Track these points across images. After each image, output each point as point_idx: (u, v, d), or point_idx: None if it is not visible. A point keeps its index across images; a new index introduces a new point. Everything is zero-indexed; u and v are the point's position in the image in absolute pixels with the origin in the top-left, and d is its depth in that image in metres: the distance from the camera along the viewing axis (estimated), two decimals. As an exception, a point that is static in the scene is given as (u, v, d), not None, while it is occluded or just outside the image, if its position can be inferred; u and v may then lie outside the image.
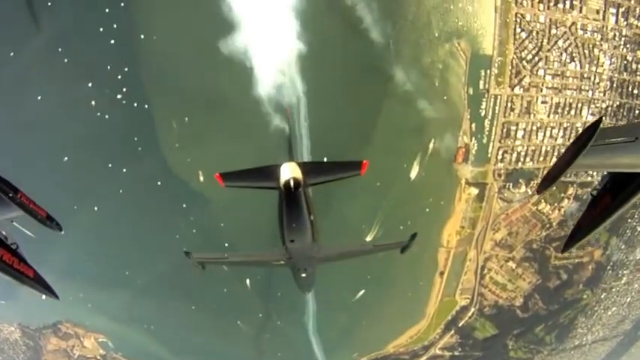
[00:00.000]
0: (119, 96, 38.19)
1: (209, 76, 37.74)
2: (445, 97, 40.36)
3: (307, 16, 36.63)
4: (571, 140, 8.25)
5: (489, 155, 41.15)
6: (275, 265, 15.57)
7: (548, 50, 39.57)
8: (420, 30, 39.87)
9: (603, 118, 8.36)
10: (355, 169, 12.89)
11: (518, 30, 39.20)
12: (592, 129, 6.73)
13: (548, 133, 40.80)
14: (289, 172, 11.61)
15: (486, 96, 40.11)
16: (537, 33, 39.23)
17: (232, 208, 37.73)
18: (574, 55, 39.63)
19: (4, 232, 8.62)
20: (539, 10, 39.04)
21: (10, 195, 7.78)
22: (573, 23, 39.05)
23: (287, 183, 11.48)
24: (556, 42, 39.38)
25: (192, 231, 39.95)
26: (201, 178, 38.25)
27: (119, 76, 38.04)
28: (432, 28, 39.88)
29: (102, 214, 39.14)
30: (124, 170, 38.82)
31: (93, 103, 37.66)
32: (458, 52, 40.39)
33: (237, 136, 36.13)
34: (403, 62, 39.56)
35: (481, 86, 40.12)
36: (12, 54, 36.31)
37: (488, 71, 39.80)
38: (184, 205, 39.01)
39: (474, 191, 41.80)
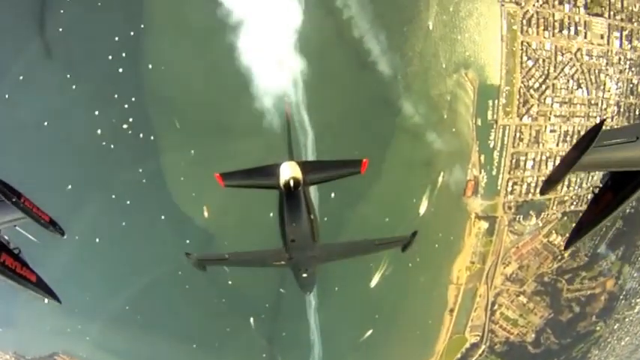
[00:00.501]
0: (125, 126, 38.17)
1: (217, 109, 37.99)
2: (454, 129, 40.20)
3: (315, 48, 37.16)
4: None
5: (499, 187, 40.73)
6: (276, 265, 15.05)
7: (555, 78, 39.49)
8: (428, 61, 40.06)
9: (606, 120, 8.51)
10: (355, 168, 12.70)
11: (524, 58, 39.23)
12: (594, 131, 6.85)
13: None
14: (289, 171, 11.53)
15: (495, 127, 39.98)
16: (544, 61, 39.29)
17: (237, 245, 36.73)
18: (581, 81, 39.58)
19: (6, 237, 8.65)
20: (544, 37, 39.19)
21: (14, 199, 7.76)
22: (579, 49, 39.11)
23: (287, 182, 11.41)
24: (562, 69, 39.37)
25: (196, 267, 39.00)
26: (206, 214, 38.00)
27: (126, 105, 38.06)
28: (440, 60, 40.10)
29: (103, 245, 38.54)
30: (128, 202, 38.50)
31: (99, 131, 37.53)
32: (465, 82, 40.48)
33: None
34: (411, 94, 39.64)
35: (489, 117, 40.04)
36: (21, 77, 36.47)
37: (496, 101, 39.79)
38: (188, 241, 38.21)
39: (484, 225, 41.23)
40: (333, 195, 36.41)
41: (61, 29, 37.02)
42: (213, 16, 36.79)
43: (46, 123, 37.13)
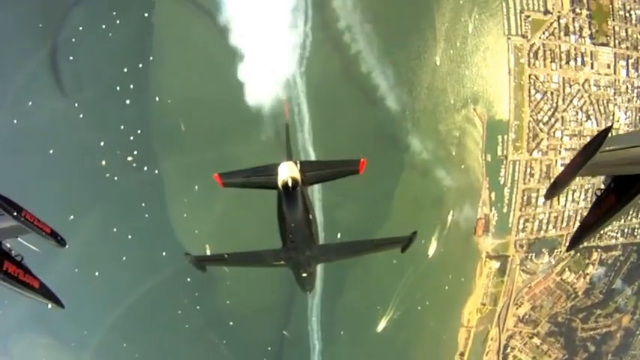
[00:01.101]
0: (130, 158, 38.09)
1: (223, 144, 37.65)
2: (463, 166, 39.77)
3: (321, 84, 37.30)
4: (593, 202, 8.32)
5: (510, 225, 40.00)
6: (275, 265, 14.94)
7: (564, 110, 39.32)
8: (436, 97, 40.00)
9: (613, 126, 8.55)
10: (354, 168, 12.70)
11: (532, 91, 39.15)
12: (601, 136, 6.90)
13: (569, 197, 39.85)
14: (287, 171, 11.60)
15: (505, 163, 39.56)
16: (552, 93, 39.22)
17: (239, 286, 36.52)
18: (589, 112, 39.42)
19: (8, 245, 8.75)
20: (552, 69, 39.18)
21: (14, 214, 7.82)
22: (586, 80, 39.05)
23: (285, 182, 11.47)
24: (571, 101, 39.24)
25: (196, 307, 38.43)
26: (208, 252, 37.11)
27: (131, 137, 38.11)
28: (448, 95, 40.05)
29: (103, 280, 37.78)
30: (130, 237, 37.94)
31: (103, 162, 37.48)
32: (474, 117, 40.30)
33: (249, 208, 35.44)
34: (420, 130, 39.43)
35: (499, 152, 39.68)
36: (30, 103, 36.67)
37: (506, 136, 39.50)
38: (189, 279, 37.51)
39: (495, 265, 40.27)
40: (339, 236, 36.21)
41: (71, 57, 37.58)
42: (222, 51, 37.37)
43: (51, 151, 37.15)
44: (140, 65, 38.18)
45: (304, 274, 15.19)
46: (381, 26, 38.10)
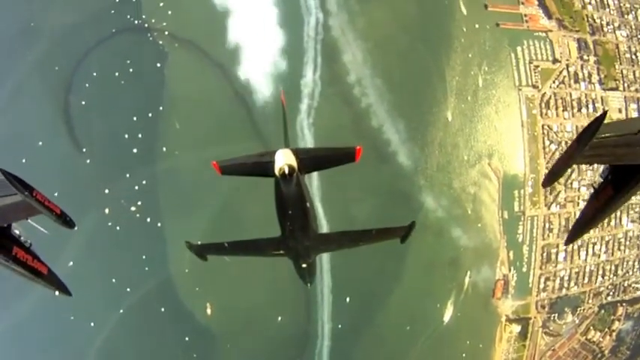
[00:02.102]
0: (133, 208, 37.69)
1: (229, 201, 37.47)
2: (479, 224, 38.74)
3: (331, 137, 37.49)
4: (613, 255, 7.77)
5: (530, 285, 38.51)
6: (275, 254, 15.38)
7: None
8: (449, 152, 39.65)
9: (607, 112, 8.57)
10: (350, 156, 12.83)
11: (547, 142, 38.92)
12: (596, 124, 6.92)
13: (590, 251, 38.86)
14: (283, 158, 11.86)
15: (523, 219, 38.70)
16: (566, 143, 38.69)
17: (239, 346, 34.98)
18: None
19: (17, 231, 9.06)
20: (564, 118, 39.22)
21: (26, 193, 8.00)
22: None
23: (282, 169, 11.73)
24: None
25: (194, 369, 37.18)
26: (209, 312, 36.08)
27: (136, 187, 37.96)
28: (461, 150, 39.73)
29: (97, 333, 36.45)
30: (128, 290, 36.87)
31: (106, 210, 37.23)
32: (489, 173, 39.79)
33: (254, 271, 34.62)
34: (433, 187, 38.84)
35: (516, 208, 38.86)
36: (40, 143, 37.01)
37: (522, 191, 38.88)
38: (187, 339, 36.11)
39: (516, 328, 38.25)
40: (348, 299, 35.10)
41: (83, 102, 38.39)
42: (233, 106, 38.50)
43: (56, 194, 36.99)
44: (150, 115, 38.76)
45: (304, 265, 15.57)
46: (392, 80, 38.71)
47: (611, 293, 39.27)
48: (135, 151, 38.31)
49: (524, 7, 39.98)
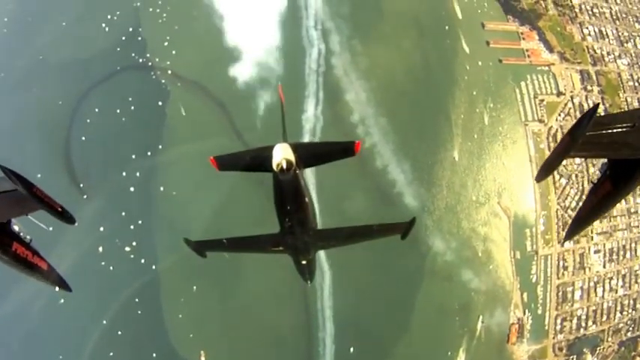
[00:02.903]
0: (128, 248, 38.20)
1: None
2: (491, 266, 38.77)
3: (333, 177, 36.83)
4: (631, 289, 8.20)
5: (547, 327, 38.14)
6: (274, 251, 15.60)
7: None
8: (457, 192, 40.25)
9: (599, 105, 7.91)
10: (349, 150, 12.91)
11: (557, 177, 39.68)
12: (588, 116, 6.98)
13: (607, 286, 39.00)
14: (281, 153, 12.03)
15: (536, 258, 38.78)
16: (576, 176, 39.81)
17: None
18: None
19: (17, 227, 9.27)
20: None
21: (27, 189, 8.36)
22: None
23: (279, 164, 11.93)
24: None
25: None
26: (203, 359, 35.52)
27: (132, 227, 38.58)
28: (469, 190, 40.38)
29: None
30: (119, 332, 36.59)
31: (100, 249, 37.73)
32: (499, 212, 40.13)
33: (252, 318, 35.21)
34: (441, 229, 39.14)
35: (528, 248, 39.06)
36: (39, 175, 37.97)
37: (534, 229, 39.16)
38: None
39: (533, 374, 37.28)
40: (352, 350, 35.03)
41: (84, 138, 40.16)
42: (234, 146, 38.82)
43: (51, 228, 38.00)
44: (149, 153, 40.24)
45: (303, 262, 15.87)
46: (396, 120, 40.18)
47: (630, 329, 38.96)
48: (132, 189, 39.21)
49: (526, 42, 42.42)
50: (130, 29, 42.74)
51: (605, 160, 8.48)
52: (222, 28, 41.49)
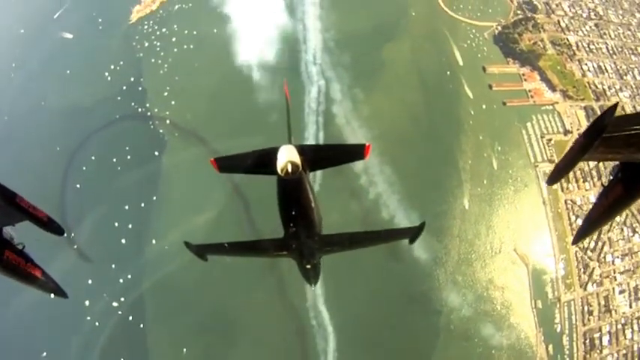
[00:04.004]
0: (115, 304, 38.61)
1: (218, 305, 38.80)
2: (512, 319, 38.36)
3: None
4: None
5: (576, 380, 36.15)
6: (278, 255, 15.46)
7: (609, 230, 39.89)
8: (470, 242, 40.74)
9: (618, 104, 8.26)
10: (358, 153, 12.98)
11: (572, 218, 40.49)
12: (605, 117, 6.86)
13: (635, 327, 38.58)
14: (286, 155, 12.03)
15: (558, 306, 38.51)
16: None
17: None
18: (634, 225, 40.43)
19: (10, 233, 9.30)
20: (586, 189, 41.43)
21: (7, 200, 8.33)
22: None
23: (284, 167, 11.91)
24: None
25: None
26: None
27: (121, 280, 39.24)
28: (482, 238, 40.83)
29: None
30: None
31: (87, 302, 38.11)
32: (516, 260, 40.00)
33: None
34: (456, 283, 39.34)
35: (550, 295, 38.89)
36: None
37: (554, 275, 39.25)
38: None
39: None
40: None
41: (78, 185, 42.23)
42: (231, 201, 41.41)
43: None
44: (142, 205, 41.78)
45: (308, 266, 15.82)
46: (402, 169, 41.46)
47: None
48: (123, 241, 40.43)
49: (528, 83, 45.35)
50: (132, 79, 46.78)
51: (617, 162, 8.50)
52: (223, 78, 45.55)
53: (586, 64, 45.99)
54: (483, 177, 43.23)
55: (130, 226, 41.43)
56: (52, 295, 10.79)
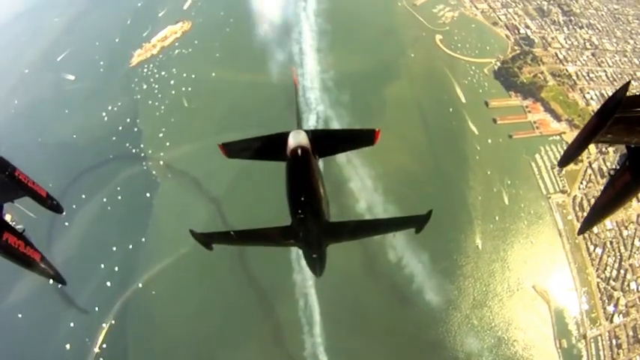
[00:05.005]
0: (97, 350, 38.14)
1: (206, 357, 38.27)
2: (534, 365, 36.06)
3: (339, 281, 37.65)
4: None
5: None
6: (285, 244, 15.76)
7: (630, 257, 39.83)
8: (485, 283, 40.38)
9: (630, 82, 8.31)
10: (368, 139, 13.17)
11: (591, 248, 40.40)
12: (617, 96, 7.05)
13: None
14: (296, 139, 12.29)
15: (585, 343, 37.37)
16: (611, 242, 40.53)
17: None
18: None
19: (9, 216, 9.51)
20: None
21: (7, 172, 8.53)
22: (639, 215, 41.29)
23: (294, 151, 12.19)
24: (632, 243, 40.48)
25: None
26: None
27: (104, 325, 39.04)
28: (497, 277, 40.26)
29: None
30: None
31: (67, 346, 37.77)
32: (535, 297, 38.96)
33: None
34: (473, 327, 38.63)
35: (575, 332, 37.82)
36: None
37: (578, 309, 38.46)
38: None
39: None
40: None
41: (66, 223, 42.66)
42: (218, 247, 42.48)
43: (19, 315, 39.18)
44: (130, 246, 42.23)
45: (314, 255, 16.30)
46: (407, 206, 38.86)
47: None
48: (108, 284, 40.47)
49: (532, 115, 47.19)
50: (128, 120, 49.52)
51: (625, 150, 8.74)
52: (217, 120, 47.93)
53: (588, 93, 48.40)
54: (495, 213, 43.47)
55: (117, 268, 41.63)
56: (51, 281, 11.44)
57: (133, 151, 47.90)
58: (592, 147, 43.99)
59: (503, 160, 46.06)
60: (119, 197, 45.06)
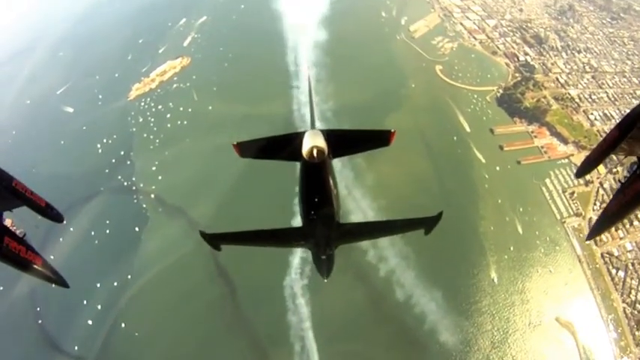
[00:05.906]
0: None
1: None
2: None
3: (339, 324, 38.37)
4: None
5: None
6: (295, 245, 16.47)
7: None
8: (504, 318, 39.41)
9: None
10: (383, 139, 13.27)
11: (613, 271, 39.80)
12: (637, 111, 7.48)
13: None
14: (312, 140, 12.34)
15: (616, 375, 34.72)
16: (632, 264, 39.99)
17: None
18: None
19: (10, 221, 9.65)
20: (620, 238, 41.30)
21: (4, 183, 8.81)
22: None
23: (310, 151, 12.25)
24: None
25: None
26: None
27: None
28: (517, 310, 39.27)
29: None
30: None
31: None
32: (560, 330, 37.97)
33: None
34: None
35: (603, 364, 35.37)
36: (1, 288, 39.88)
37: (606, 339, 37.21)
38: None
39: None
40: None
41: (52, 257, 39.87)
42: (214, 284, 41.73)
43: None
44: (115, 284, 41.60)
45: (323, 257, 16.50)
46: (415, 240, 38.80)
47: None
48: (90, 322, 39.63)
49: (539, 140, 47.92)
50: (122, 152, 50.50)
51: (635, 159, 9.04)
52: (213, 154, 48.12)
53: (592, 114, 49.87)
54: (509, 242, 42.96)
55: (99, 307, 40.70)
56: (53, 285, 11.20)
57: (125, 184, 48.38)
58: (601, 167, 44.82)
59: (514, 187, 46.01)
60: (107, 231, 44.87)
